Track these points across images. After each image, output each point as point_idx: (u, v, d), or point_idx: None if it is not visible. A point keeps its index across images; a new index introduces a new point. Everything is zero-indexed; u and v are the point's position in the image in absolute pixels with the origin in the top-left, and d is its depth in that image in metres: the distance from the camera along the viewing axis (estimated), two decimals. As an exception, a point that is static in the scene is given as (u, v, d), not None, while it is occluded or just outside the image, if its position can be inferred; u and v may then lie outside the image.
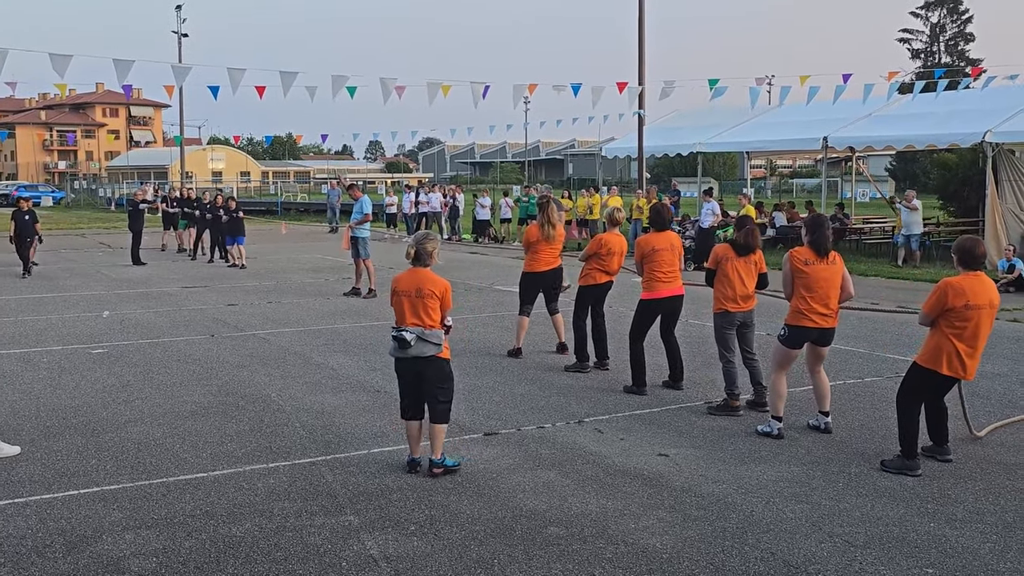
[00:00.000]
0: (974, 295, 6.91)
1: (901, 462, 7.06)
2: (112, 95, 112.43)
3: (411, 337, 6.77)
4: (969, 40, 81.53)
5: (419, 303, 6.87)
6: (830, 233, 7.99)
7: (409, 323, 6.86)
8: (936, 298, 6.98)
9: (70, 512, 6.25)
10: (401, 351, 6.85)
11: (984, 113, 22.14)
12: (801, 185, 75.38)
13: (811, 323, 7.85)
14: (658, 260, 9.52)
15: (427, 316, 6.87)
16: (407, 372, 6.98)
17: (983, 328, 6.99)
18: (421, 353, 6.83)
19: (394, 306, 7.04)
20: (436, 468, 6.95)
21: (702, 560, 5.49)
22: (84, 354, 11.65)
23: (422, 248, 6.99)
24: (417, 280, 6.94)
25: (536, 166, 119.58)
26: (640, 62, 27.33)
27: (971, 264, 7.04)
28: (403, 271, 7.11)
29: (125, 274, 21.21)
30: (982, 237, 21.52)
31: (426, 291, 6.88)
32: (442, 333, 6.94)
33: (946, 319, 6.96)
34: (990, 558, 5.52)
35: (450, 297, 7.04)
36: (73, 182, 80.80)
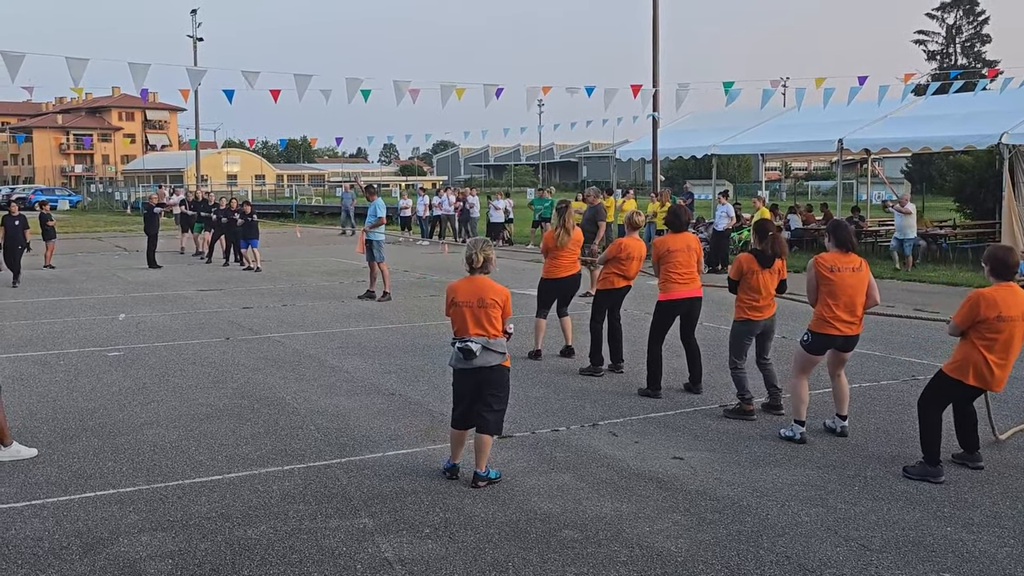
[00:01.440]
0: (1007, 306, 6.76)
1: (924, 469, 6.96)
2: (128, 99, 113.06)
3: (477, 348, 6.64)
4: (985, 41, 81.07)
5: (482, 313, 6.74)
6: (852, 230, 7.92)
7: (472, 333, 6.71)
8: (968, 309, 6.83)
9: (86, 514, 6.28)
10: (466, 362, 6.71)
11: (1000, 115, 21.99)
12: (816, 187, 75.07)
13: (835, 331, 7.77)
14: (674, 261, 9.48)
15: (491, 326, 6.75)
16: (467, 382, 6.83)
17: (1016, 340, 6.85)
18: (486, 363, 6.71)
19: (453, 317, 6.88)
20: (481, 481, 6.79)
21: (717, 564, 5.48)
22: (100, 357, 11.70)
23: (488, 256, 6.88)
24: (478, 289, 6.81)
25: (550, 169, 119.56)
26: (654, 64, 27.28)
27: (1004, 274, 6.88)
28: (459, 279, 6.98)
29: (141, 277, 21.31)
30: (999, 240, 21.43)
31: (488, 300, 6.76)
32: (505, 341, 6.83)
33: (977, 330, 6.82)
34: (1007, 562, 5.49)
35: (511, 304, 6.94)
36: (89, 185, 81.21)
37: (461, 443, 7.00)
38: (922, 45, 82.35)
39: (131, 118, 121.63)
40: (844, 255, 7.80)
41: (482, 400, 6.79)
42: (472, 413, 6.86)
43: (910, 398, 9.29)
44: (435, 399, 9.37)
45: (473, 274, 6.88)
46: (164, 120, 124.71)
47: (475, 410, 6.83)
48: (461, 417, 6.93)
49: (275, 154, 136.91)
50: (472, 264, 6.88)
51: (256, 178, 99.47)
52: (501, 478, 6.93)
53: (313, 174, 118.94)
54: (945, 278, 19.49)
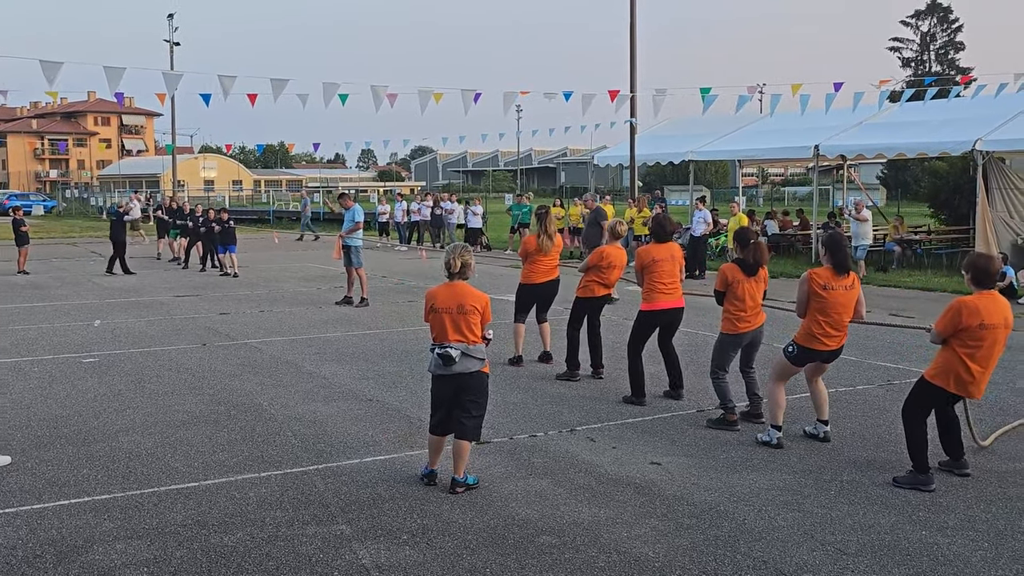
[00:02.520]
0: (989, 314, 6.76)
1: (914, 477, 6.93)
2: (104, 104, 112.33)
3: (456, 354, 6.63)
4: (959, 49, 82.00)
5: (461, 319, 6.72)
6: (849, 251, 7.91)
7: (452, 339, 6.70)
8: (950, 317, 6.82)
9: (61, 522, 6.22)
10: (445, 368, 6.69)
11: (974, 121, 22.21)
12: (793, 193, 75.55)
13: (822, 346, 7.78)
14: (658, 271, 9.42)
15: (470, 332, 6.73)
16: (446, 388, 6.80)
17: (997, 348, 6.88)
18: (465, 369, 6.70)
19: (432, 323, 6.85)
20: (459, 487, 6.77)
21: (694, 569, 5.49)
22: (75, 363, 11.61)
23: (464, 261, 6.85)
24: (457, 295, 6.78)
25: (528, 174, 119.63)
26: (632, 70, 27.38)
27: (985, 283, 6.87)
28: (438, 285, 6.96)
29: (116, 283, 21.16)
30: (973, 245, 21.63)
31: (468, 306, 6.73)
32: (484, 347, 6.82)
33: (959, 338, 6.82)
34: (981, 566, 5.53)
35: (490, 310, 6.91)
36: (64, 191, 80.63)
37: (439, 449, 6.97)
38: (897, 52, 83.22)
39: (107, 123, 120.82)
40: (839, 275, 7.73)
41: (461, 406, 6.76)
42: (451, 419, 6.82)
43: (885, 403, 9.37)
44: (413, 405, 9.35)
45: (452, 280, 6.85)
46: (140, 125, 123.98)
47: (454, 416, 6.79)
48: (439, 423, 6.89)
49: (252, 159, 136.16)
50: (450, 269, 6.84)
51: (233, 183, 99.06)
52: (479, 484, 6.90)
53: (291, 179, 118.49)
54: (920, 283, 19.66)
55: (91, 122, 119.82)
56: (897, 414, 8.82)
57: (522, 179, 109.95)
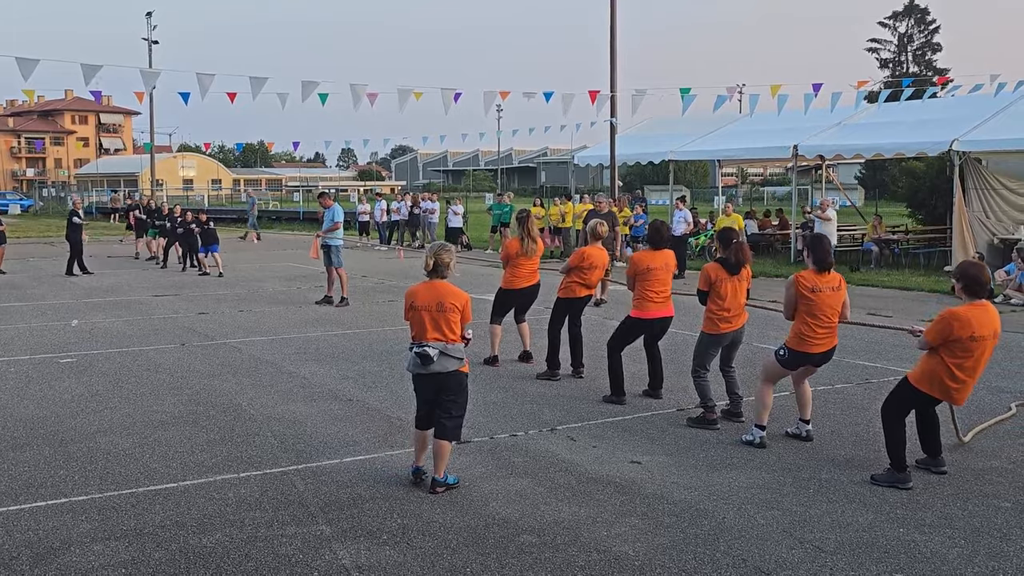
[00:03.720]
0: (980, 326, 6.71)
1: (892, 475, 6.95)
2: (81, 102, 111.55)
3: (434, 353, 6.60)
4: (936, 50, 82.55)
5: (440, 317, 6.68)
6: (831, 248, 7.90)
7: (430, 338, 6.66)
8: (940, 328, 6.77)
9: (37, 523, 6.18)
10: (423, 367, 6.67)
11: (951, 122, 22.40)
12: (772, 193, 75.88)
13: (814, 348, 7.77)
14: (652, 279, 9.33)
15: (449, 331, 6.69)
16: (425, 386, 6.80)
17: (985, 358, 6.86)
18: (443, 368, 6.67)
19: (411, 321, 6.82)
20: (439, 487, 6.74)
21: (674, 567, 5.51)
22: (52, 363, 11.52)
23: (439, 259, 6.79)
24: (437, 293, 6.75)
25: (509, 174, 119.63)
26: (612, 70, 27.44)
27: (978, 293, 6.80)
28: (418, 283, 6.91)
29: (94, 282, 21.02)
30: (950, 245, 21.79)
31: (448, 304, 6.70)
32: (463, 347, 6.78)
33: (948, 348, 6.78)
34: (958, 563, 5.58)
35: (470, 309, 6.89)
36: (42, 190, 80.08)
37: (424, 445, 6.96)
38: (875, 53, 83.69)
39: (84, 121, 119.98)
40: (823, 275, 7.74)
41: (440, 406, 6.75)
42: (432, 416, 6.85)
43: (864, 401, 9.43)
44: (393, 405, 9.34)
45: (432, 278, 6.83)
46: (118, 124, 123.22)
47: (434, 416, 6.81)
48: (424, 418, 6.90)
49: (232, 158, 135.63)
50: (425, 268, 6.85)
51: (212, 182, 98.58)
52: (459, 483, 6.89)
53: (270, 178, 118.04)
54: (897, 283, 19.79)
55: (69, 120, 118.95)
56: (875, 413, 8.89)
57: (502, 179, 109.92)
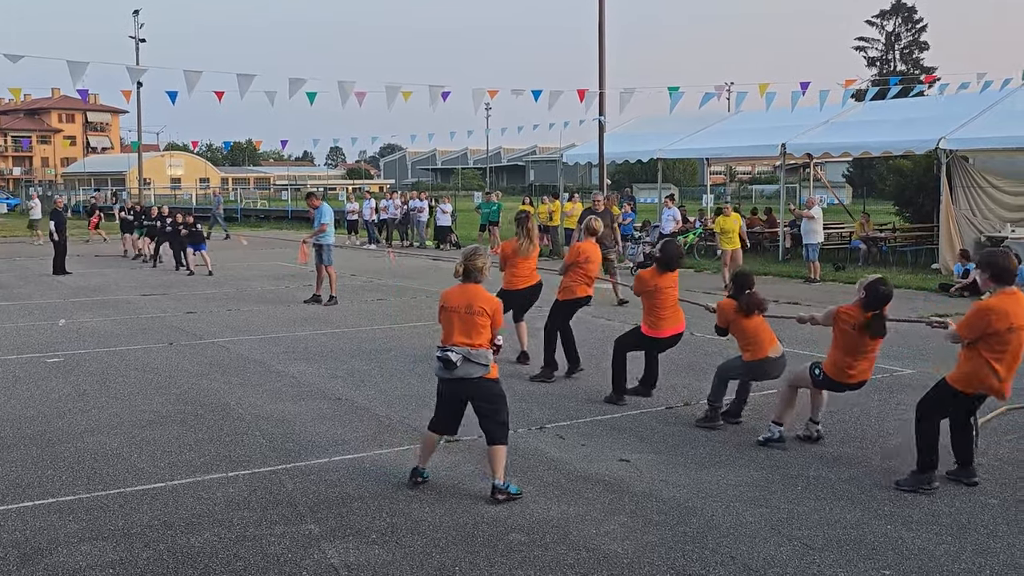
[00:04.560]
0: (1016, 316, 6.50)
1: (916, 478, 6.79)
2: (68, 101, 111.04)
3: (457, 358, 6.49)
4: (923, 48, 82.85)
5: (469, 320, 6.60)
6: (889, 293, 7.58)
7: (457, 342, 6.56)
8: (976, 321, 6.57)
9: (24, 524, 6.15)
10: (447, 372, 6.58)
11: (938, 120, 22.48)
12: (760, 191, 76.01)
13: (850, 379, 7.63)
14: (661, 299, 9.23)
15: (476, 335, 6.59)
16: (450, 391, 6.72)
17: (1022, 348, 6.66)
18: (467, 375, 6.55)
19: (442, 322, 6.77)
20: (500, 493, 6.54)
21: (663, 565, 5.52)
22: (39, 363, 11.48)
23: (471, 264, 6.73)
24: (468, 296, 6.68)
25: (497, 172, 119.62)
26: (600, 68, 27.45)
27: (1007, 279, 6.58)
28: (452, 287, 6.88)
29: (81, 281, 20.94)
30: (937, 243, 21.88)
31: (476, 308, 6.61)
32: (490, 353, 6.65)
33: (987, 343, 6.55)
34: (945, 560, 5.60)
35: (501, 316, 6.79)
36: (28, 189, 79.61)
37: (431, 448, 6.91)
38: (862, 52, 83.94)
39: (71, 120, 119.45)
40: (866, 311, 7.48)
41: (480, 414, 6.68)
42: (452, 423, 6.81)
43: (853, 398, 9.45)
44: (382, 404, 9.33)
45: (464, 282, 6.77)
46: (105, 122, 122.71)
47: (482, 425, 6.74)
48: (439, 422, 6.83)
49: (219, 157, 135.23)
50: (455, 273, 6.79)
51: (200, 181, 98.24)
52: (521, 495, 6.62)
53: (258, 177, 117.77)
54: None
55: (55, 119, 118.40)
56: (864, 409, 8.95)
57: (491, 177, 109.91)
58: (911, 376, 10.44)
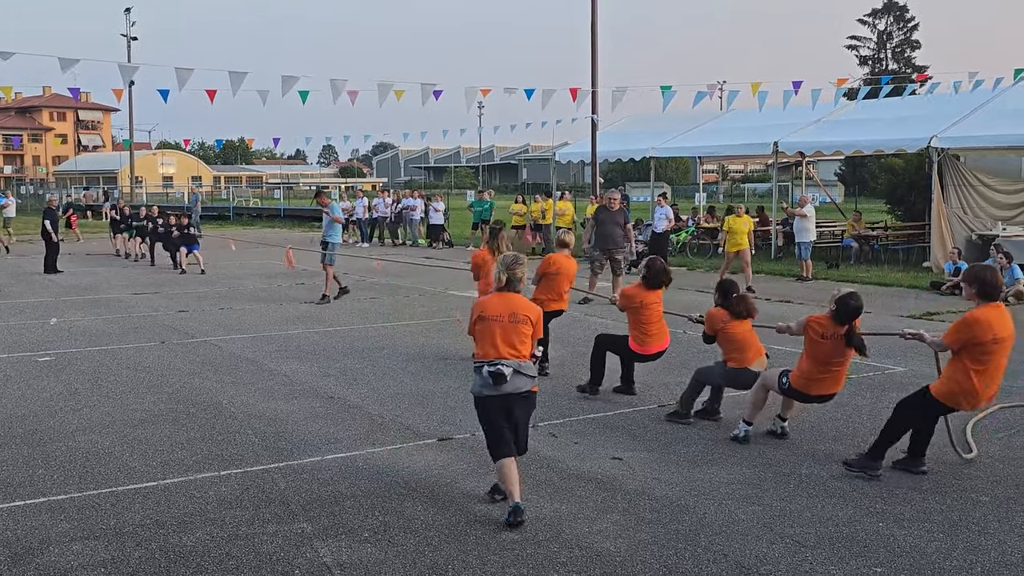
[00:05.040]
0: (1000, 328, 6.77)
1: (865, 462, 7.02)
2: (60, 99, 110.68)
3: (508, 371, 6.09)
4: (915, 47, 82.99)
5: (512, 329, 6.24)
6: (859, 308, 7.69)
7: (503, 352, 6.18)
8: (961, 331, 6.79)
9: (15, 523, 6.13)
10: (495, 388, 6.13)
11: (930, 119, 22.54)
12: (752, 190, 76.15)
13: (814, 391, 7.74)
14: (647, 315, 9.29)
15: (521, 344, 6.24)
16: (495, 409, 6.23)
17: (1004, 360, 6.93)
18: (517, 389, 6.17)
19: (479, 334, 6.34)
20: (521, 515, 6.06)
21: (655, 563, 5.53)
22: (31, 362, 11.44)
23: (513, 274, 6.41)
24: (510, 304, 6.35)
25: (490, 171, 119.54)
26: (593, 67, 27.44)
27: (993, 296, 6.85)
28: (488, 296, 6.64)
29: (73, 280, 20.88)
30: (928, 241, 21.93)
31: (521, 316, 6.29)
32: (533, 364, 6.35)
33: (970, 353, 6.80)
34: (937, 557, 5.62)
35: (542, 325, 6.52)
36: (20, 187, 79.37)
37: (513, 475, 6.20)
38: (854, 50, 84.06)
39: (63, 118, 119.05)
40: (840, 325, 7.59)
41: (516, 429, 6.30)
42: (510, 437, 6.30)
43: (843, 397, 9.45)
44: (374, 402, 9.33)
45: (504, 291, 6.47)
46: (97, 120, 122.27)
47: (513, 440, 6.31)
48: (502, 445, 6.23)
49: (212, 155, 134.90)
50: (497, 283, 6.52)
51: (192, 179, 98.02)
52: None
53: (251, 176, 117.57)
54: (877, 279, 19.90)
55: (47, 117, 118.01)
56: (855, 408, 8.98)
57: (484, 176, 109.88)
58: (903, 374, 10.48)
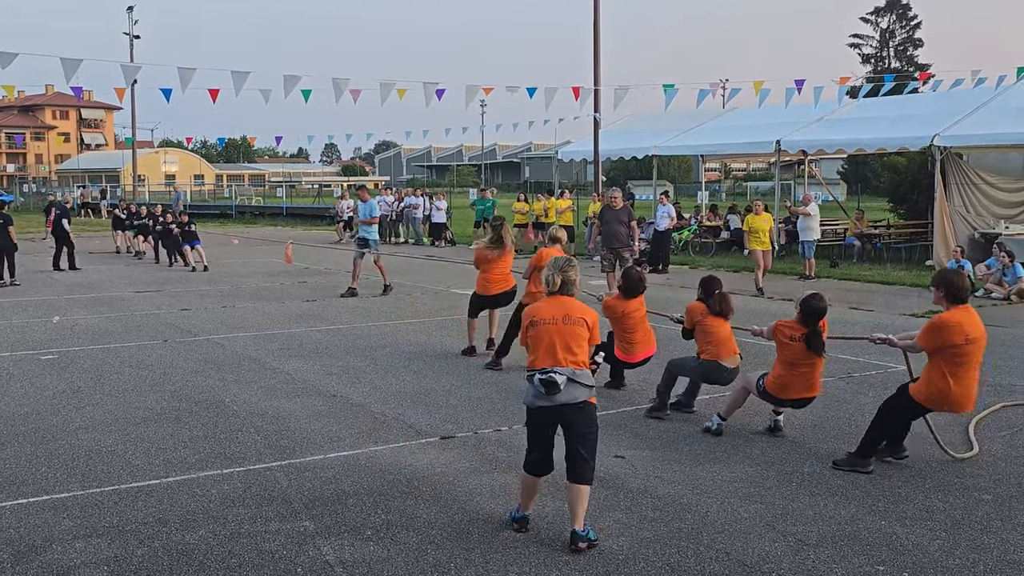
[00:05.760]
0: (971, 328, 6.90)
1: (854, 460, 7.14)
2: (62, 97, 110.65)
3: (562, 380, 5.68)
4: (918, 45, 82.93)
5: (567, 331, 5.85)
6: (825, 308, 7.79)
7: (560, 359, 5.77)
8: (933, 335, 6.92)
9: (19, 521, 6.14)
10: (547, 398, 5.74)
11: (932, 117, 22.51)
12: (755, 188, 76.10)
13: (788, 395, 7.84)
14: (630, 322, 9.38)
15: (578, 347, 5.84)
16: (547, 421, 5.84)
17: (979, 360, 7.04)
18: (572, 399, 5.75)
19: (532, 340, 5.95)
20: (581, 542, 5.65)
21: (658, 561, 5.53)
22: (33, 360, 11.45)
23: (567, 277, 6.05)
24: (563, 306, 5.96)
25: (492, 169, 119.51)
26: (596, 65, 27.44)
27: (962, 299, 6.97)
28: (540, 301, 6.26)
29: (75, 278, 20.90)
30: (931, 239, 21.91)
31: (576, 318, 5.88)
32: (591, 373, 5.93)
33: (945, 356, 6.91)
34: (939, 555, 5.62)
35: (599, 330, 6.13)
36: (22, 185, 79.45)
37: (534, 491, 6.02)
38: (857, 49, 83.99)
39: (65, 116, 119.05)
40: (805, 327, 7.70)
41: (573, 442, 5.82)
42: (552, 458, 5.95)
43: (847, 395, 9.49)
44: (377, 400, 9.33)
45: (556, 294, 6.09)
46: (100, 119, 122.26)
47: (573, 455, 5.82)
48: (536, 462, 5.93)
49: (214, 154, 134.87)
50: (549, 287, 6.10)
51: (195, 178, 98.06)
52: (598, 541, 5.79)
53: (253, 174, 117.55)
54: (879, 277, 19.87)
55: (49, 116, 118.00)
56: (858, 406, 8.97)
57: (486, 174, 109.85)
58: (905, 373, 10.44)
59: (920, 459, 7.42)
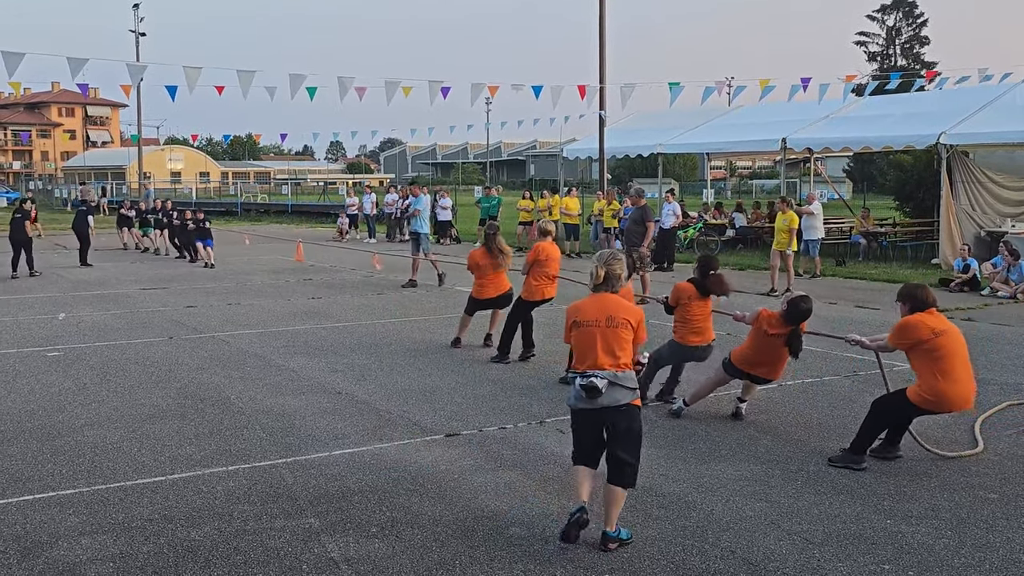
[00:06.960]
0: (936, 322, 7.18)
1: (849, 457, 7.24)
2: (68, 95, 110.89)
3: (603, 384, 5.57)
4: (924, 43, 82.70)
5: (611, 334, 5.71)
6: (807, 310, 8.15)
7: (603, 362, 5.67)
8: (903, 335, 7.26)
9: (25, 518, 6.16)
10: (589, 401, 5.64)
11: (938, 115, 22.46)
12: (760, 186, 76.02)
13: (755, 372, 8.30)
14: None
15: (621, 351, 5.71)
16: (590, 423, 5.75)
17: (961, 352, 7.20)
18: (614, 402, 5.64)
19: (576, 341, 5.85)
20: (612, 542, 5.60)
21: (662, 559, 5.53)
22: (39, 357, 11.48)
23: (611, 270, 5.86)
24: (606, 306, 5.80)
25: (498, 167, 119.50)
26: (601, 63, 27.43)
27: (921, 308, 7.24)
28: (582, 299, 6.07)
29: (81, 275, 20.94)
30: (937, 237, 21.87)
31: (620, 319, 5.74)
32: (634, 375, 5.80)
33: (921, 355, 7.17)
34: (945, 554, 5.61)
35: (644, 328, 5.95)
36: (28, 183, 79.59)
37: (585, 481, 5.78)
38: (863, 46, 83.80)
39: (71, 114, 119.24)
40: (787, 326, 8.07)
41: (614, 443, 5.72)
42: (598, 455, 5.83)
43: (851, 393, 9.47)
44: (382, 398, 9.34)
45: (600, 291, 5.94)
46: (105, 116, 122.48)
47: (614, 457, 5.74)
48: (583, 456, 5.83)
49: (220, 151, 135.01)
50: (593, 280, 5.91)
51: (200, 175, 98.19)
52: (632, 540, 5.75)
53: (259, 171, 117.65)
54: (885, 275, 19.84)
55: (55, 113, 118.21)
56: (863, 405, 8.92)
57: (491, 172, 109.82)
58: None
59: (925, 458, 7.41)
